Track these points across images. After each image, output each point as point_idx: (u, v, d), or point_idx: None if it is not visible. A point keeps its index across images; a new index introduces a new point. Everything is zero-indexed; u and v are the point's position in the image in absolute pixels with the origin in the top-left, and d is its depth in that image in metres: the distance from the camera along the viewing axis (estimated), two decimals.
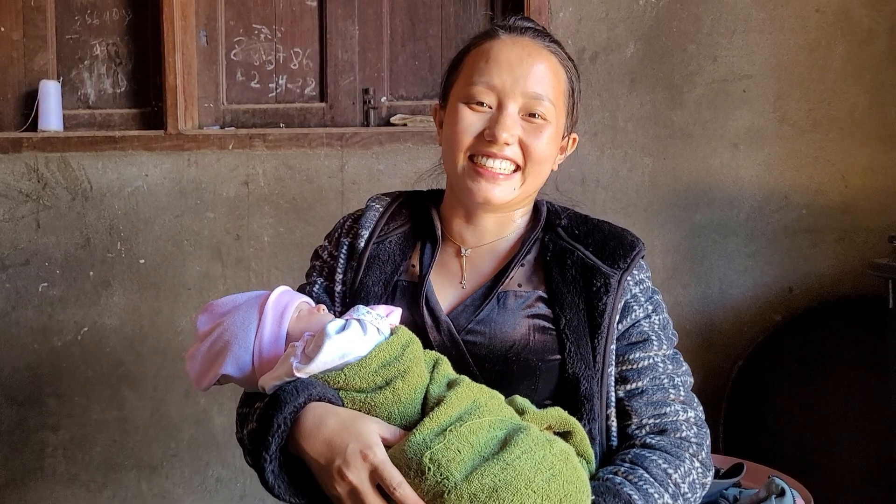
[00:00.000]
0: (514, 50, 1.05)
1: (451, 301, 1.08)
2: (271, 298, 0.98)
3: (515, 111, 1.05)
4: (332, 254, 1.16)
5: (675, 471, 0.99)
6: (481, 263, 1.12)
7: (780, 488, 1.72)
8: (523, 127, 1.05)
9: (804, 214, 2.27)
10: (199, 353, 0.99)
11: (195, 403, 2.59)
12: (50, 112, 2.61)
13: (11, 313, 2.65)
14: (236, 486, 2.60)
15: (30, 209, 2.62)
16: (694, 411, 1.06)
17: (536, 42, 1.08)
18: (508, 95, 1.04)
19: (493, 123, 1.04)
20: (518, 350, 1.02)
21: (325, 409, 0.89)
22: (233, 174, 2.52)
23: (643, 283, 1.09)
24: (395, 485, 0.83)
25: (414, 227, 1.15)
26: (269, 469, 0.88)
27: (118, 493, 2.64)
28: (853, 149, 2.25)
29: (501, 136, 1.03)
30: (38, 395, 2.66)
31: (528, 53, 1.05)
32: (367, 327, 0.92)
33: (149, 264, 2.58)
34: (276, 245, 2.52)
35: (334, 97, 2.58)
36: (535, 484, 0.82)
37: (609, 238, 1.10)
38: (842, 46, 2.24)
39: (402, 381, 0.90)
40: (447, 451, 0.83)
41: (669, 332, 1.11)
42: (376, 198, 1.20)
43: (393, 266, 1.10)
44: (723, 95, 2.29)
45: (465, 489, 0.81)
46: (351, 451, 0.85)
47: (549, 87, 1.05)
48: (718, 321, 2.31)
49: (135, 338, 2.61)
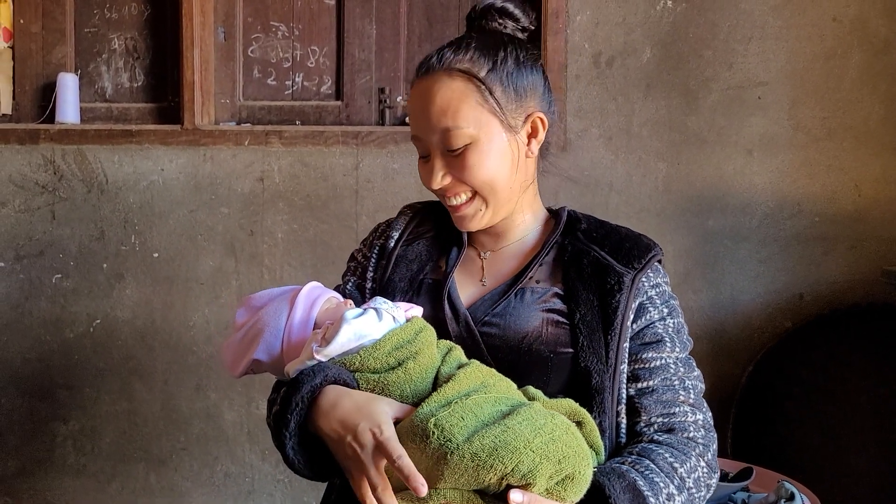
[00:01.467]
0: (416, 96, 1.10)
1: (471, 297, 1.14)
2: (303, 291, 1.04)
3: (438, 154, 1.09)
4: (366, 255, 1.23)
5: (681, 465, 1.02)
6: (501, 264, 1.17)
7: (790, 493, 1.73)
8: (450, 163, 1.09)
9: (817, 222, 2.29)
10: (235, 341, 1.05)
11: (205, 398, 2.61)
12: (67, 105, 2.63)
13: (25, 304, 2.67)
14: (244, 481, 2.61)
15: (45, 200, 2.64)
16: (703, 415, 1.09)
17: (434, 73, 1.09)
18: (428, 143, 1.10)
19: (427, 177, 1.11)
20: (530, 341, 1.06)
21: (340, 392, 0.94)
22: (248, 170, 2.54)
23: (659, 287, 1.12)
24: (395, 456, 0.86)
25: (442, 233, 1.21)
26: (290, 445, 0.95)
27: (126, 484, 2.66)
28: (867, 158, 2.26)
29: (434, 186, 1.10)
30: (49, 385, 2.68)
31: (422, 94, 1.09)
32: (382, 315, 0.98)
33: (162, 258, 2.60)
34: (289, 242, 2.54)
35: (350, 96, 2.60)
36: (533, 444, 0.85)
37: (625, 240, 1.14)
38: (858, 56, 2.25)
39: (413, 361, 0.95)
40: (451, 418, 0.87)
41: (684, 336, 1.13)
42: (408, 206, 1.28)
43: (419, 265, 1.16)
44: (738, 102, 2.30)
45: (467, 449, 0.84)
46: (361, 429, 0.90)
47: (454, 114, 1.06)
48: (729, 326, 2.32)
49: (146, 331, 2.62)
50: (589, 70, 2.36)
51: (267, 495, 2.59)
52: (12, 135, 2.64)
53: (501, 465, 0.84)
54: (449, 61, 1.08)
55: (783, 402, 2.22)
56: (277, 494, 2.59)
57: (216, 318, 2.58)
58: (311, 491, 2.56)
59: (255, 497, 2.60)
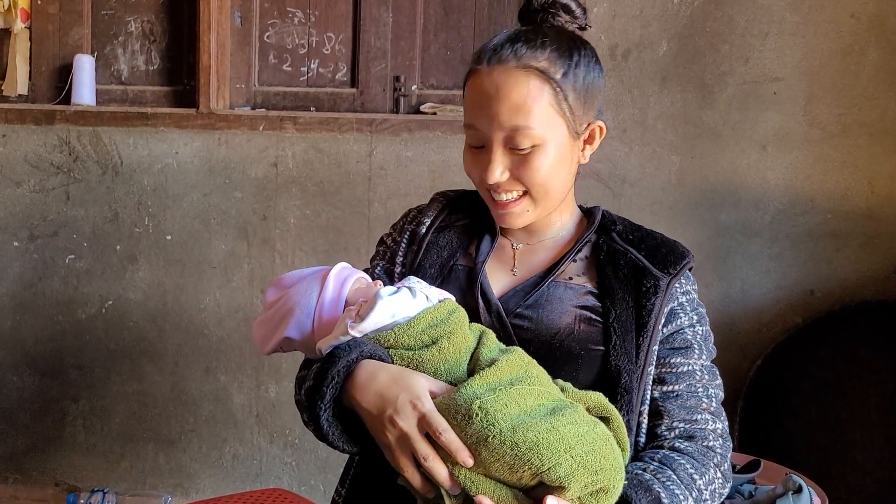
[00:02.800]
0: (484, 87, 1.06)
1: (502, 286, 1.14)
2: (334, 270, 1.05)
3: (500, 149, 1.07)
4: (396, 239, 1.22)
5: (701, 477, 1.03)
6: (532, 256, 1.17)
7: (798, 485, 1.74)
8: (512, 160, 1.07)
9: (829, 218, 2.29)
10: (265, 319, 1.06)
11: (215, 381, 2.63)
12: (83, 86, 2.64)
13: (38, 284, 2.68)
14: (252, 463, 2.63)
15: (60, 181, 2.65)
16: (721, 424, 1.10)
17: (507, 65, 1.05)
18: (490, 136, 1.06)
19: (484, 167, 1.08)
20: (562, 337, 1.07)
21: (377, 365, 0.95)
22: (262, 155, 2.55)
23: (689, 294, 1.14)
24: (441, 430, 0.88)
25: (474, 222, 1.21)
26: (324, 417, 0.95)
27: (135, 464, 2.68)
28: (881, 155, 2.26)
29: (490, 182, 1.08)
30: (60, 365, 2.70)
31: (497, 87, 1.05)
32: (416, 293, 0.99)
33: (175, 241, 2.61)
34: (301, 227, 2.55)
35: (365, 83, 2.60)
36: (574, 451, 0.85)
37: (661, 246, 1.15)
38: (875, 53, 2.25)
39: (447, 340, 0.95)
40: (496, 403, 0.87)
41: (710, 344, 1.15)
42: (441, 193, 1.27)
43: (450, 251, 1.16)
44: (753, 97, 2.30)
45: (509, 437, 0.85)
46: (401, 401, 0.90)
47: (527, 114, 1.04)
48: (739, 321, 2.32)
49: (158, 313, 2.64)
50: (605, 62, 2.36)
51: (274, 478, 2.61)
52: (28, 115, 2.65)
53: (539, 462, 0.84)
54: (526, 57, 1.05)
55: (791, 397, 2.23)
56: (285, 477, 2.61)
57: (227, 302, 2.60)
58: (319, 474, 2.58)
59: (262, 479, 2.62)
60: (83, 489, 2.67)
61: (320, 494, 2.55)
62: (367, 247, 2.48)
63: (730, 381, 2.28)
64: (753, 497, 1.81)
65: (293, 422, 2.58)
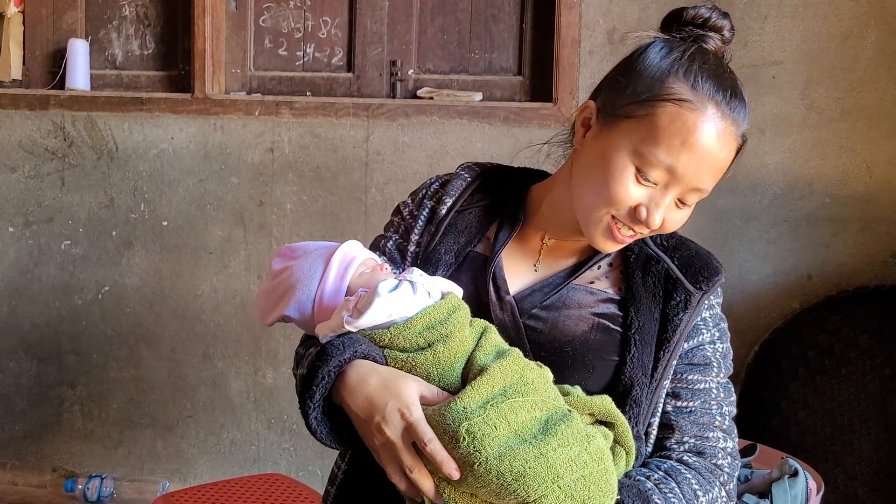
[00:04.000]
0: (710, 139, 0.94)
1: (520, 282, 1.09)
2: (339, 252, 1.01)
3: (673, 197, 0.98)
4: (413, 213, 1.15)
5: (705, 495, 1.00)
6: (559, 254, 1.11)
7: (794, 469, 1.75)
8: (671, 208, 0.99)
9: (827, 203, 2.28)
10: (268, 290, 1.04)
11: (212, 366, 2.62)
12: (77, 71, 2.62)
13: (34, 270, 2.68)
14: (250, 448, 2.63)
15: (55, 167, 2.64)
16: (732, 442, 1.07)
17: (733, 128, 0.96)
18: (679, 184, 0.96)
19: (652, 209, 0.97)
20: (576, 345, 1.03)
21: (368, 368, 0.93)
22: (258, 140, 2.53)
23: (713, 309, 1.09)
24: (426, 440, 0.86)
25: (497, 203, 1.14)
26: (313, 416, 0.93)
27: (133, 450, 2.69)
28: (880, 139, 2.25)
29: (651, 225, 0.98)
30: (57, 351, 2.70)
31: (719, 149, 0.95)
32: (417, 290, 0.95)
33: (171, 227, 2.60)
34: (298, 213, 2.54)
35: (361, 68, 2.59)
36: (562, 480, 0.83)
37: (696, 257, 1.08)
38: (874, 36, 2.23)
39: (443, 344, 0.92)
40: (484, 426, 0.85)
41: (728, 361, 1.11)
42: (466, 166, 1.18)
43: (468, 237, 1.10)
44: (752, 81, 2.29)
45: (495, 466, 0.83)
46: (390, 409, 0.88)
47: (717, 178, 0.98)
48: (736, 306, 2.32)
49: (154, 299, 2.63)
50: (602, 46, 2.35)
51: (272, 463, 2.61)
52: (22, 100, 2.63)
53: (525, 494, 0.82)
54: (740, 123, 0.97)
55: (788, 382, 2.23)
56: (283, 462, 2.61)
57: (224, 288, 2.59)
58: (317, 459, 2.59)
59: (260, 464, 2.62)
60: (81, 475, 2.67)
61: (318, 480, 2.56)
62: (364, 232, 2.47)
63: None
64: (750, 481, 1.82)
65: (291, 407, 2.58)
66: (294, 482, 2.06)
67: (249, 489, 1.99)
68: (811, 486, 1.76)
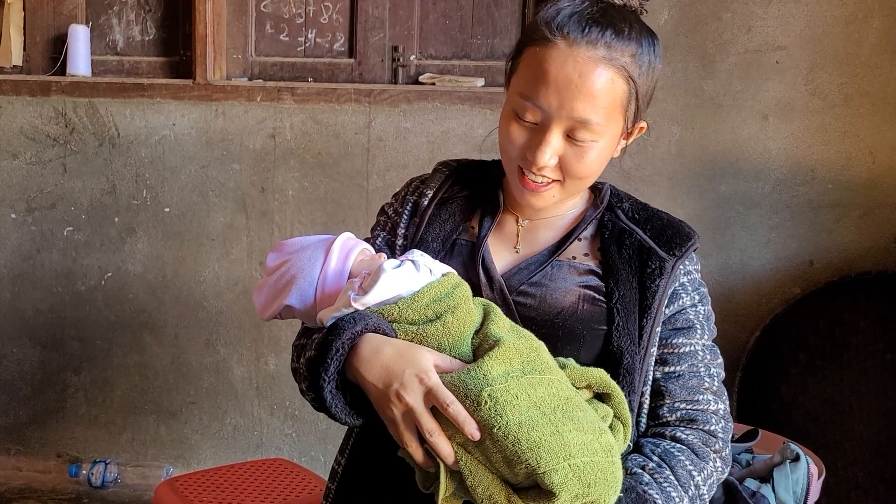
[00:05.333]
0: (564, 68, 0.99)
1: (505, 263, 1.12)
2: (338, 241, 1.04)
3: (559, 134, 1.02)
4: (397, 210, 1.19)
5: (699, 473, 1.04)
6: (536, 233, 1.15)
7: (795, 454, 1.75)
8: (566, 148, 1.02)
9: (830, 189, 2.28)
10: (266, 285, 1.05)
11: (215, 353, 2.63)
12: (78, 57, 2.61)
13: (36, 256, 2.68)
14: (253, 434, 2.65)
15: (57, 153, 2.64)
16: (723, 404, 1.10)
17: (593, 53, 0.99)
18: (553, 119, 1.00)
19: (535, 147, 1.02)
20: (566, 316, 1.06)
21: (381, 339, 0.94)
22: (260, 126, 2.53)
23: (692, 275, 1.13)
24: (447, 403, 0.87)
25: (477, 194, 1.18)
26: (328, 389, 0.94)
27: (137, 435, 2.70)
28: (883, 125, 2.24)
29: (538, 162, 1.02)
30: (61, 337, 2.70)
31: (578, 74, 0.98)
32: (420, 267, 0.98)
33: (173, 213, 2.60)
34: (300, 199, 2.54)
35: (363, 53, 2.58)
36: (573, 460, 0.85)
37: (667, 226, 1.13)
38: (878, 20, 2.22)
39: (452, 315, 0.95)
40: (506, 394, 0.87)
41: (712, 324, 1.14)
42: (444, 163, 1.23)
43: (453, 225, 1.14)
44: (755, 66, 2.28)
45: (514, 431, 0.85)
46: (408, 376, 0.90)
47: (600, 108, 1.00)
48: (738, 291, 2.32)
49: (157, 285, 2.64)
50: None
51: (275, 449, 2.63)
52: (23, 86, 2.63)
53: (536, 464, 0.84)
54: (615, 49, 0.99)
55: (789, 368, 2.23)
56: (285, 448, 2.62)
57: (226, 274, 2.60)
58: (319, 445, 2.60)
59: (263, 450, 2.63)
60: (85, 460, 2.69)
61: (320, 465, 2.57)
62: (365, 219, 2.47)
63: (728, 352, 2.29)
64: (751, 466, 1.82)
65: (293, 393, 2.59)
66: (297, 467, 2.07)
67: (253, 474, 2.01)
68: (813, 470, 1.77)
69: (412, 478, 0.95)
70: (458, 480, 0.90)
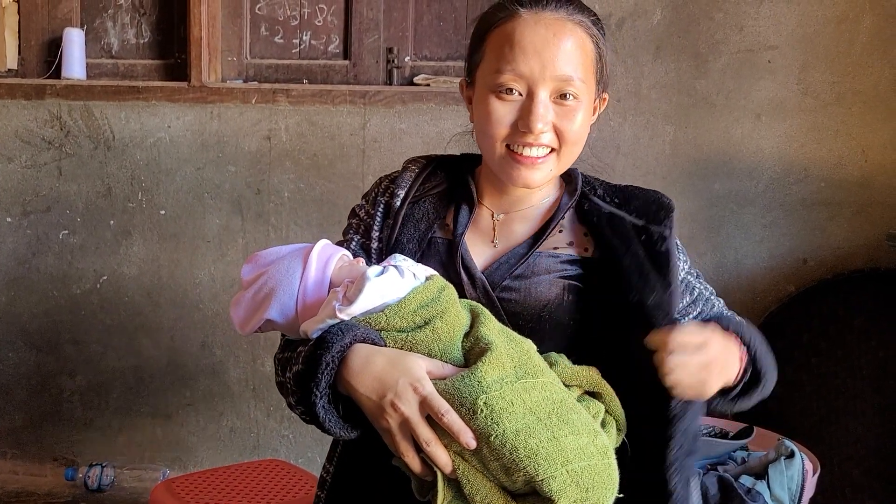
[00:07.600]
0: (537, 31, 1.02)
1: (484, 259, 1.11)
2: (315, 249, 1.01)
3: (546, 97, 1.03)
4: (369, 212, 1.17)
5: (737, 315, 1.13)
6: (513, 226, 1.14)
7: (790, 450, 1.76)
8: (555, 111, 1.04)
9: (822, 187, 2.29)
10: (244, 299, 1.02)
11: (211, 355, 2.63)
12: (73, 60, 2.62)
13: (32, 260, 2.68)
14: (250, 436, 2.64)
15: (52, 156, 2.64)
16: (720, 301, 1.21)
17: (559, 15, 1.04)
18: (538, 82, 1.02)
19: (527, 114, 1.03)
20: (552, 309, 1.05)
21: (371, 349, 0.93)
22: (255, 128, 2.53)
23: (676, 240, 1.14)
24: (442, 412, 0.87)
25: (449, 190, 1.17)
26: (320, 404, 0.92)
27: (133, 438, 2.70)
28: (875, 123, 2.26)
29: (536, 127, 1.02)
30: (56, 340, 2.70)
31: (552, 33, 1.02)
32: (403, 272, 0.96)
33: (169, 215, 2.60)
34: (295, 201, 2.54)
35: (358, 55, 2.58)
36: (570, 465, 0.85)
37: (650, 203, 1.13)
38: (870, 20, 2.23)
39: (440, 320, 0.93)
40: (502, 400, 0.87)
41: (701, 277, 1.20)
42: (412, 160, 1.22)
43: (427, 224, 1.12)
44: (748, 65, 2.29)
45: (511, 440, 0.85)
46: (402, 385, 0.89)
47: (577, 65, 1.03)
48: (732, 290, 2.33)
49: (153, 288, 2.64)
50: None
51: (272, 450, 2.63)
52: (18, 90, 2.63)
53: (534, 472, 0.84)
54: (574, 12, 1.05)
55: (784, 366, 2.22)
56: (282, 450, 2.62)
57: (222, 276, 2.60)
58: (316, 446, 2.60)
59: (260, 452, 2.63)
60: (81, 463, 2.68)
61: (317, 467, 2.56)
62: None
63: None
64: (746, 463, 1.83)
65: None
66: (293, 467, 2.07)
67: (249, 475, 2.01)
68: (807, 467, 1.78)
69: (406, 486, 0.94)
70: (455, 488, 0.90)
